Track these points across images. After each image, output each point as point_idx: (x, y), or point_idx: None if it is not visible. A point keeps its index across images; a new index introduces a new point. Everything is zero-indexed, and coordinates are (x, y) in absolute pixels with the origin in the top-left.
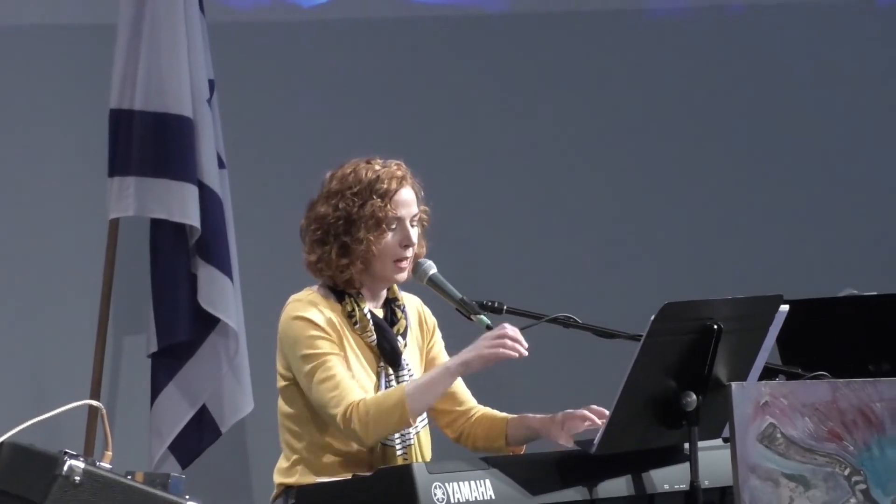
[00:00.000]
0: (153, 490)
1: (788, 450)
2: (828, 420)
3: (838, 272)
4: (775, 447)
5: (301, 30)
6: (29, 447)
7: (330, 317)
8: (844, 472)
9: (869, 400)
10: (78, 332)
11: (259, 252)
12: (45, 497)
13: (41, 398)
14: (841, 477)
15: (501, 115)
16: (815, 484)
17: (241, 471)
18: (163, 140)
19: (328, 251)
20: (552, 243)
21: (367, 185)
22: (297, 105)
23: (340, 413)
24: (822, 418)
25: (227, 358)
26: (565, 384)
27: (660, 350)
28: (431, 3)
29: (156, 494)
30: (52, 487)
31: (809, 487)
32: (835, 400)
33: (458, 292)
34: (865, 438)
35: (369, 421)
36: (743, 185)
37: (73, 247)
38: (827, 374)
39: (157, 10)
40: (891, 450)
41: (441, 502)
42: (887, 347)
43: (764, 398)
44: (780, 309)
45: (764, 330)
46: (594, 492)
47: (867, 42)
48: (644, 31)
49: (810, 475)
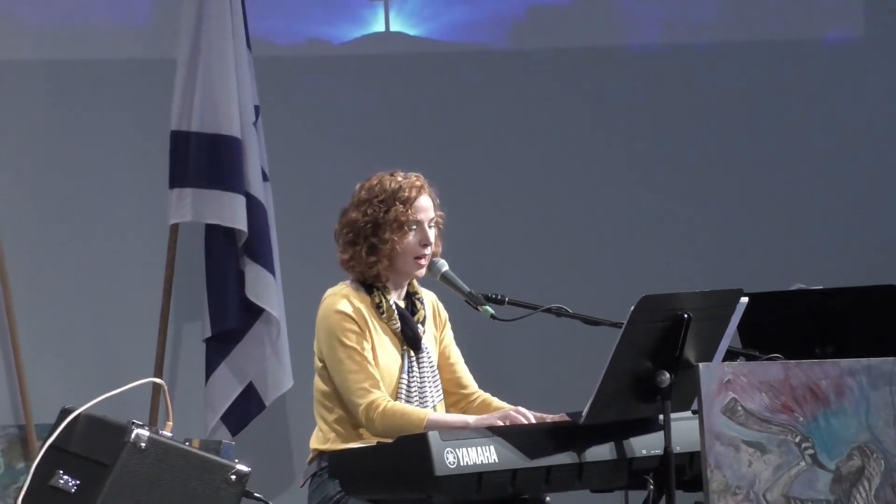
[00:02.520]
0: (207, 454)
1: (748, 420)
2: (781, 395)
3: (789, 269)
4: (736, 418)
5: (332, 63)
6: (102, 418)
7: (360, 308)
8: (795, 440)
9: (816, 378)
10: (143, 320)
11: (297, 251)
12: (115, 460)
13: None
14: (792, 444)
15: (504, 136)
16: (770, 449)
17: (282, 438)
18: (215, 157)
19: (359, 251)
20: (546, 245)
21: (391, 194)
22: (329, 126)
23: (365, 404)
24: (776, 394)
25: (270, 342)
26: (557, 365)
27: (638, 336)
28: (444, 40)
29: (209, 458)
30: (121, 452)
31: (765, 452)
32: (787, 378)
33: (466, 286)
34: (813, 411)
35: (388, 425)
36: (710, 198)
37: (140, 248)
38: (780, 357)
39: (211, 46)
40: (835, 420)
41: (452, 465)
42: (831, 333)
43: (727, 376)
44: (740, 301)
45: (727, 318)
46: (582, 456)
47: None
48: (624, 64)
49: (766, 442)
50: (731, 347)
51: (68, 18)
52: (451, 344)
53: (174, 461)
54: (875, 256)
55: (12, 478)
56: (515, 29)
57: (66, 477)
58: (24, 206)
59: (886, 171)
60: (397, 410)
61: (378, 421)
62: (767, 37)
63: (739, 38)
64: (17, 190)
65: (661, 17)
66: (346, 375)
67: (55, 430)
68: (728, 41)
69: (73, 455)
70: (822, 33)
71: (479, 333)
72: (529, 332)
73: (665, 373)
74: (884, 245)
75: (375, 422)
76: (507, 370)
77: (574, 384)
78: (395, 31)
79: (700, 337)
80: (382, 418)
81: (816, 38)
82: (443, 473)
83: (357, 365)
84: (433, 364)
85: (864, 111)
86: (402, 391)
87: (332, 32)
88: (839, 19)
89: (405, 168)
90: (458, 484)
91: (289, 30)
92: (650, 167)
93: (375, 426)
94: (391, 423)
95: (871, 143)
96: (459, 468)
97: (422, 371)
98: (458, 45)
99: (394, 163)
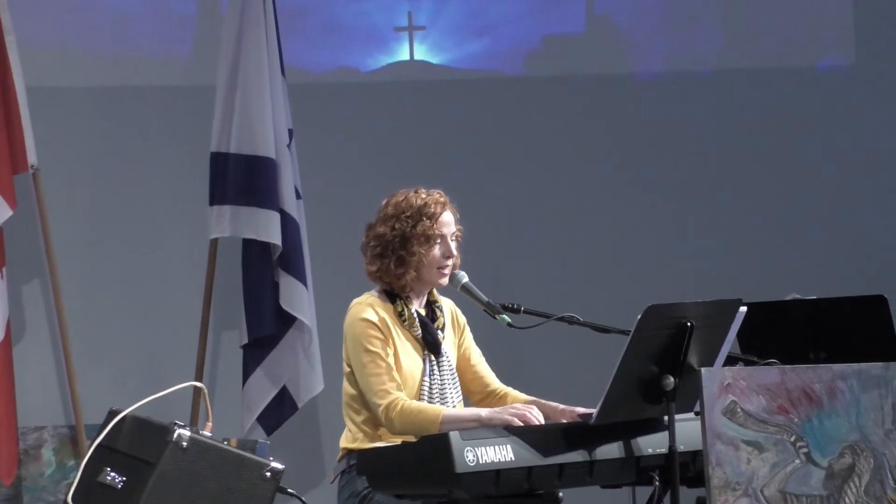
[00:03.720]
0: (244, 452)
1: (746, 421)
2: (777, 398)
3: (786, 280)
4: (736, 419)
5: (359, 89)
6: (147, 419)
7: (384, 317)
8: (791, 439)
9: (810, 382)
10: (185, 327)
11: (327, 264)
12: (159, 458)
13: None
14: (788, 443)
15: (519, 156)
16: (767, 448)
17: (314, 438)
18: (252, 176)
19: (387, 263)
20: (559, 258)
21: (418, 210)
22: (358, 148)
23: (384, 405)
24: (773, 396)
25: (302, 348)
26: (569, 370)
27: (644, 342)
28: (464, 68)
29: (246, 456)
30: (164, 451)
31: (763, 451)
32: (783, 382)
33: (484, 296)
34: (807, 412)
35: (405, 422)
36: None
37: (182, 261)
38: (777, 361)
39: (248, 74)
40: (828, 421)
41: (472, 463)
42: (824, 340)
43: (727, 380)
44: (739, 310)
45: (727, 326)
46: (593, 454)
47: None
48: (631, 90)
49: (764, 441)
50: (730, 353)
51: (119, 49)
52: (472, 346)
53: (213, 459)
54: (865, 269)
55: (63, 474)
56: (530, 58)
57: (113, 474)
58: (76, 221)
59: (875, 189)
60: (414, 408)
61: (396, 419)
62: (764, 64)
63: (738, 65)
64: (70, 206)
65: (666, 47)
66: (369, 378)
67: (103, 430)
68: (727, 69)
69: (119, 453)
70: (816, 61)
71: (496, 340)
72: (543, 339)
73: (669, 377)
74: (873, 258)
75: (394, 420)
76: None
77: (585, 387)
78: (419, 59)
79: (702, 343)
80: (400, 416)
81: (810, 65)
82: (463, 471)
83: (379, 369)
84: (452, 367)
85: (854, 134)
86: (425, 393)
87: (361, 61)
88: (831, 47)
89: (427, 186)
90: (478, 480)
91: (320, 58)
92: (655, 186)
93: (394, 424)
94: (409, 421)
95: (862, 164)
96: (478, 466)
97: (442, 374)
98: (476, 73)
99: (417, 181)
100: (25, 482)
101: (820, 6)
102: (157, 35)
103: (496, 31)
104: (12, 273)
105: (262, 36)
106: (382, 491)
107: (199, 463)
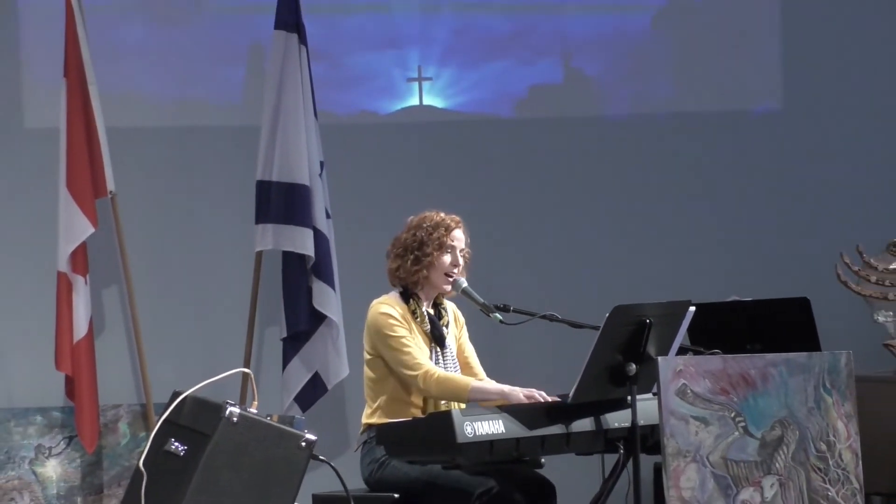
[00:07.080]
0: (284, 427)
1: (695, 400)
2: (720, 381)
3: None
4: (686, 399)
5: (377, 129)
6: (204, 399)
7: (401, 312)
8: (731, 415)
9: (747, 368)
10: (236, 323)
11: (352, 272)
12: (214, 431)
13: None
14: (729, 418)
15: (510, 186)
16: (712, 422)
17: (340, 414)
18: (290, 200)
19: (406, 261)
20: (543, 268)
21: (436, 223)
22: (376, 177)
23: (421, 374)
24: (717, 380)
25: (331, 341)
26: (550, 358)
27: (612, 336)
28: (464, 112)
29: (285, 429)
30: (218, 425)
31: (709, 424)
32: (725, 368)
33: (480, 298)
34: (745, 393)
35: (442, 388)
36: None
37: (233, 269)
38: (720, 352)
39: (287, 116)
40: (761, 400)
41: (470, 435)
42: (758, 334)
43: (679, 367)
44: (689, 309)
45: (679, 323)
46: (569, 427)
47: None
48: (600, 130)
49: (709, 417)
50: (682, 345)
51: (181, 95)
52: (467, 342)
53: (259, 432)
54: (794, 275)
55: (136, 444)
56: (518, 103)
57: (176, 444)
58: (147, 237)
59: (802, 211)
60: (449, 377)
61: (434, 386)
62: (710, 109)
63: (688, 109)
64: (142, 225)
65: (629, 94)
66: (401, 357)
67: (168, 408)
68: (680, 111)
69: (181, 427)
70: (751, 106)
71: (490, 334)
72: (529, 333)
73: (632, 364)
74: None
75: (431, 387)
76: (512, 363)
77: (563, 373)
78: (427, 104)
79: (659, 337)
80: (437, 384)
81: (748, 109)
82: (463, 441)
83: (408, 347)
84: (454, 357)
85: (784, 168)
86: None
87: (379, 105)
88: (763, 94)
89: (432, 207)
90: (475, 449)
91: (346, 103)
92: (618, 209)
93: (431, 390)
94: (444, 387)
95: (789, 192)
96: (476, 437)
97: (446, 362)
98: (474, 115)
99: (424, 204)
100: (105, 450)
101: (751, 57)
102: (213, 84)
103: (490, 82)
104: (95, 280)
105: (298, 85)
106: (397, 458)
107: (247, 435)
